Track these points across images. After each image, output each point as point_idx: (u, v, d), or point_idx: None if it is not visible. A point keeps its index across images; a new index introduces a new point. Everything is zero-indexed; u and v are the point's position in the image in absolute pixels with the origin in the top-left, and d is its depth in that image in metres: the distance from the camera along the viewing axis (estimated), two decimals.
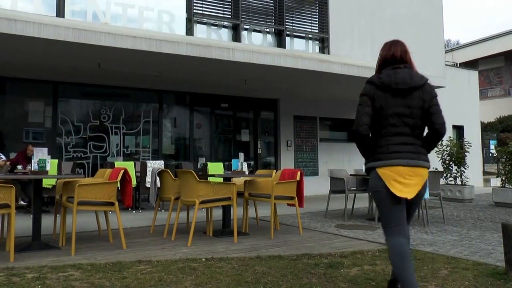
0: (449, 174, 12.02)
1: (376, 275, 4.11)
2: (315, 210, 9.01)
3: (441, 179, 10.09)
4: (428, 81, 3.34)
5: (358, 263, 4.57)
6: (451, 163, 11.90)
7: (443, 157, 11.96)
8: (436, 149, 12.33)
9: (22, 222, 6.70)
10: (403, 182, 3.18)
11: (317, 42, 13.08)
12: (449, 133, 16.15)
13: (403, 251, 3.14)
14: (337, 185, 8.05)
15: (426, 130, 3.36)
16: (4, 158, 8.88)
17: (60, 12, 9.97)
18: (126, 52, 8.32)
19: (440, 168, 11.83)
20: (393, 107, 3.28)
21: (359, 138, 3.39)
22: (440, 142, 11.86)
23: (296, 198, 6.43)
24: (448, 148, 11.92)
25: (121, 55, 8.57)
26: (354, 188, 8.41)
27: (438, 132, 3.26)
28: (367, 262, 4.64)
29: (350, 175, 8.40)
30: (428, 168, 3.30)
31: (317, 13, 13.09)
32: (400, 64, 3.43)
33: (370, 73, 10.70)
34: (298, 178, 6.45)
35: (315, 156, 13.90)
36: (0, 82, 10.10)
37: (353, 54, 13.08)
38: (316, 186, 13.21)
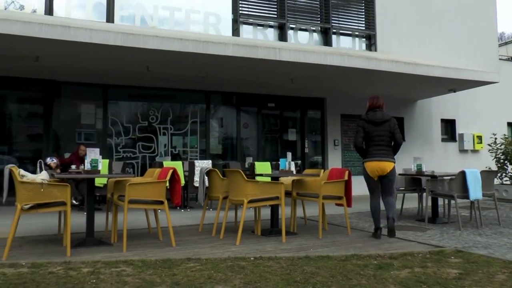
0: (504, 174, 11.55)
1: (428, 278, 3.99)
2: (363, 210, 8.85)
3: (495, 179, 9.73)
4: (391, 117, 6.16)
5: (408, 265, 4.46)
6: (506, 162, 11.43)
7: (497, 156, 11.51)
8: (489, 147, 11.91)
9: (76, 219, 6.92)
10: (377, 170, 6.07)
11: (364, 39, 12.89)
12: (504, 130, 15.55)
13: (375, 206, 6.21)
14: None
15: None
16: (55, 161, 9.19)
17: (110, 18, 10.29)
18: (173, 54, 8.46)
19: (494, 168, 11.39)
20: (374, 131, 6.08)
21: (357, 148, 6.24)
22: (494, 139, 11.50)
23: (344, 197, 6.35)
24: (502, 147, 11.46)
25: (168, 57, 8.71)
26: (403, 188, 8.22)
27: (397, 143, 6.13)
28: (417, 264, 4.52)
29: (399, 174, 8.20)
30: (393, 162, 6.09)
31: (363, 10, 12.90)
32: (378, 108, 6.18)
33: (417, 69, 10.46)
34: (346, 178, 6.37)
35: None
36: (55, 86, 10.50)
37: (401, 50, 12.82)
38: (364, 186, 12.89)
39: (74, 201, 8.73)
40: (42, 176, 5.32)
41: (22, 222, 5.48)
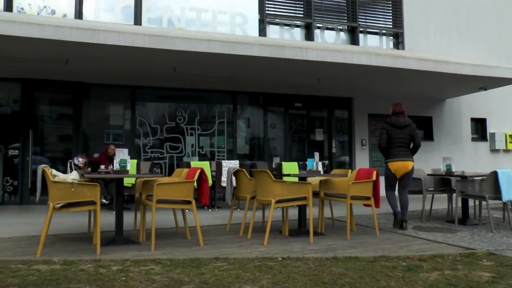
0: None
1: (458, 281, 3.91)
2: (391, 211, 8.75)
3: None
4: (412, 122, 6.84)
5: (438, 267, 4.37)
6: None
7: None
8: None
9: (105, 218, 7.02)
10: (400, 168, 6.75)
11: (391, 37, 12.75)
12: None
13: (391, 194, 6.89)
14: (414, 185, 7.75)
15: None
16: (81, 160, 9.35)
17: (137, 20, 10.43)
18: (200, 55, 8.51)
19: None
20: (397, 134, 6.78)
21: (381, 149, 6.92)
22: None
23: (372, 198, 6.28)
24: None
25: (195, 58, 8.77)
26: (432, 189, 8.07)
27: (416, 146, 6.85)
28: (447, 266, 4.43)
29: (428, 174, 8.08)
30: (412, 161, 6.80)
31: (390, 8, 12.76)
32: (400, 114, 6.87)
33: (447, 67, 10.27)
34: (374, 178, 6.30)
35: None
36: (84, 89, 10.69)
37: (429, 48, 12.63)
38: None
39: (103, 200, 8.87)
40: (73, 176, 5.43)
41: (54, 221, 5.60)
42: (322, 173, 6.68)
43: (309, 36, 11.71)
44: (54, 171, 5.13)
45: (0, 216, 8.15)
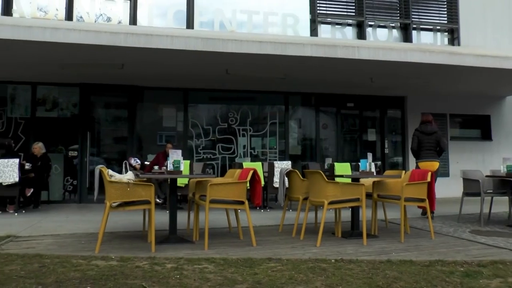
0: None
1: None
2: (447, 214, 8.47)
3: None
4: (438, 129, 8.39)
5: (500, 274, 4.16)
6: None
7: None
8: None
9: (159, 217, 7.16)
10: (428, 167, 7.67)
11: (446, 33, 12.35)
12: None
13: None
14: (471, 187, 7.47)
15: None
16: (139, 162, 9.60)
17: (190, 24, 10.62)
18: (252, 56, 8.53)
19: None
20: (425, 140, 8.25)
21: (413, 151, 8.43)
22: None
23: (427, 200, 6.09)
24: None
25: (247, 60, 8.81)
26: (491, 191, 7.72)
27: (442, 149, 8.30)
28: (510, 273, 4.21)
29: (486, 176, 7.74)
30: (439, 162, 8.26)
31: (445, 3, 12.37)
32: (428, 123, 8.38)
33: (506, 63, 9.81)
34: (428, 179, 6.11)
35: (445, 155, 13.02)
36: (138, 92, 10.99)
37: (487, 43, 12.14)
38: (446, 188, 12.31)
39: (157, 200, 9.06)
40: (128, 176, 5.58)
41: (110, 219, 5.78)
42: (375, 174, 6.55)
43: (361, 35, 11.54)
44: (110, 172, 5.29)
45: (62, 213, 8.52)
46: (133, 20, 10.52)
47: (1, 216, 7.98)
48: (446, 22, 12.34)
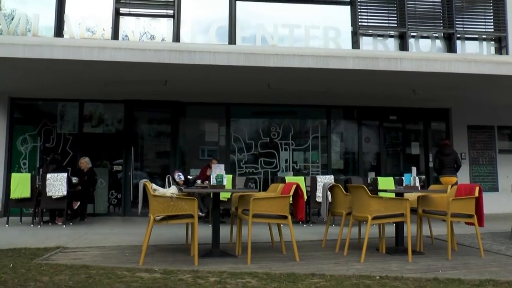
0: None
1: None
2: (497, 231, 8.12)
3: None
4: (454, 151, 10.47)
5: None
6: None
7: None
8: None
9: (202, 231, 7.21)
10: (449, 182, 9.44)
11: (493, 42, 12.00)
12: None
13: None
14: None
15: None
16: (182, 178, 9.70)
17: (231, 40, 10.75)
18: (293, 70, 8.52)
19: None
20: (445, 160, 10.19)
21: (435, 169, 10.55)
22: None
23: (475, 216, 5.88)
24: None
25: (289, 74, 8.80)
26: None
27: (458, 166, 10.26)
28: None
29: None
30: (456, 177, 10.12)
31: (491, 11, 12.02)
32: (446, 145, 10.40)
33: None
34: (476, 194, 5.89)
35: (494, 169, 12.58)
36: (181, 107, 11.18)
37: None
38: (496, 203, 11.86)
39: (200, 213, 9.13)
40: (172, 190, 5.65)
41: (153, 232, 5.86)
42: (419, 188, 6.39)
43: (403, 46, 11.37)
44: (154, 186, 5.38)
45: (106, 226, 8.71)
46: (176, 37, 10.76)
47: (51, 228, 8.26)
48: (492, 30, 11.99)
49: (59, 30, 10.55)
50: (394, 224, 6.11)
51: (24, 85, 9.87)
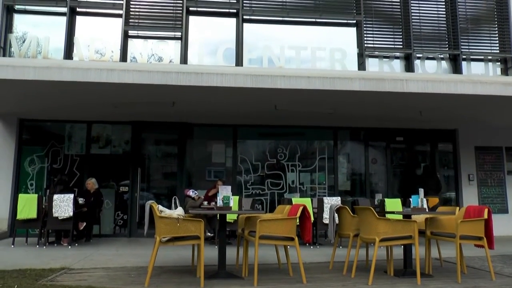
0: None
1: None
2: (508, 253, 8.02)
3: None
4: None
5: None
6: None
7: None
8: None
9: (208, 253, 7.16)
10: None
11: (498, 63, 12.02)
12: None
13: None
14: None
15: None
16: (197, 193, 9.70)
17: (239, 61, 10.85)
18: (300, 92, 8.55)
19: None
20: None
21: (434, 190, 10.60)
22: None
23: (485, 238, 5.81)
24: None
25: (296, 95, 8.83)
26: None
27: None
28: None
29: None
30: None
31: (496, 32, 12.08)
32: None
33: None
34: (485, 216, 5.83)
35: (503, 191, 12.46)
36: (188, 128, 11.22)
37: None
38: (505, 225, 11.72)
39: (208, 233, 9.10)
40: (178, 211, 5.65)
41: (159, 253, 5.84)
42: (427, 210, 6.34)
43: (409, 67, 11.43)
44: (160, 207, 5.39)
45: (112, 247, 8.68)
46: (184, 59, 10.87)
47: (56, 249, 8.25)
48: (498, 51, 12.03)
49: (68, 52, 10.71)
50: (402, 246, 6.04)
51: (33, 107, 9.97)
